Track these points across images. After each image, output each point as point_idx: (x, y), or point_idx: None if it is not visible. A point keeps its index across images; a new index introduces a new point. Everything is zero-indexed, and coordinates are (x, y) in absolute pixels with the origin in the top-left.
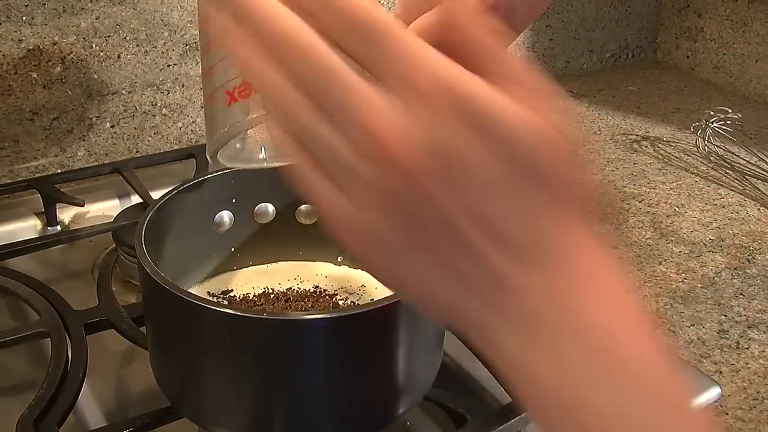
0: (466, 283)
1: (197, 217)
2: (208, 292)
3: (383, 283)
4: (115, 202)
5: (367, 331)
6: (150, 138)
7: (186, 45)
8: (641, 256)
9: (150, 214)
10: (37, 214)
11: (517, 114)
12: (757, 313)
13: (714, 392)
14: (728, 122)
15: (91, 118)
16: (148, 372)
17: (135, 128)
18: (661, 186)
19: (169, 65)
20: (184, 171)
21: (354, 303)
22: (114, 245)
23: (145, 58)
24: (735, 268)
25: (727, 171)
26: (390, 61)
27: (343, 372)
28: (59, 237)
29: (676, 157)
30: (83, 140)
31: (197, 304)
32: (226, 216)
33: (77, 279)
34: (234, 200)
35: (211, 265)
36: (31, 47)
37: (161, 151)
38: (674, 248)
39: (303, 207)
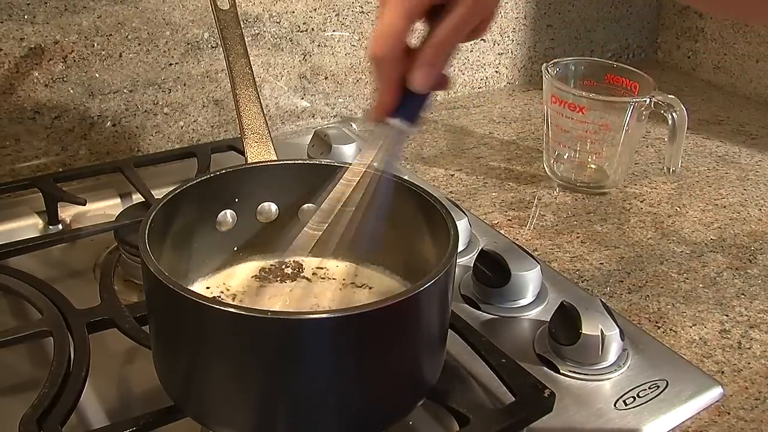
0: None
1: (200, 216)
2: (207, 288)
3: None
4: (117, 201)
5: (370, 330)
6: (151, 137)
7: (188, 44)
8: (643, 256)
9: (153, 213)
10: (39, 213)
11: None
12: (758, 313)
13: (716, 392)
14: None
15: (93, 117)
16: (150, 371)
17: (136, 127)
18: (662, 186)
19: (170, 64)
20: (186, 170)
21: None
22: (116, 244)
23: (147, 57)
24: (736, 268)
25: (728, 170)
26: None
27: (347, 371)
28: (61, 236)
29: None
30: (85, 139)
31: (201, 302)
32: (229, 215)
33: (79, 278)
34: (237, 199)
35: (213, 264)
36: (32, 46)
37: (163, 150)
38: (676, 248)
39: (306, 206)
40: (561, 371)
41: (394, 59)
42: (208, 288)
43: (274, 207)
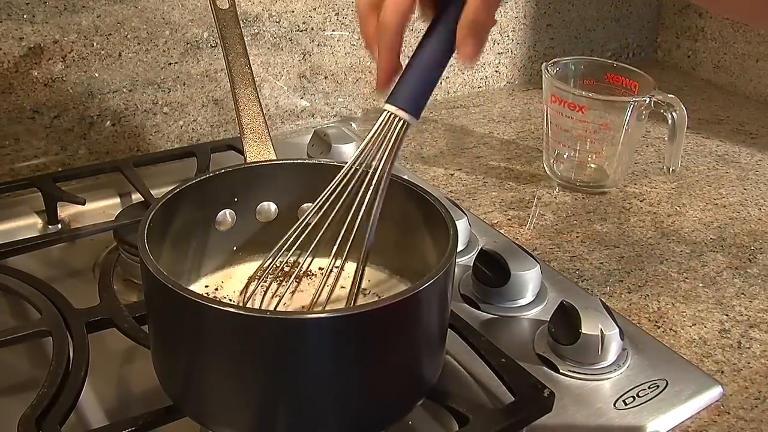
0: None
1: (199, 215)
2: (206, 287)
3: None
4: (116, 200)
5: (370, 330)
6: (151, 136)
7: (187, 43)
8: (642, 255)
9: (153, 213)
10: (38, 213)
11: None
12: (758, 312)
13: (716, 392)
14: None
15: (92, 117)
16: (150, 371)
17: (136, 127)
18: (662, 185)
19: (170, 64)
20: (185, 170)
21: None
22: (115, 244)
23: (146, 57)
24: (736, 268)
25: (728, 170)
26: None
27: (346, 371)
28: (60, 235)
29: None
30: (84, 138)
31: (200, 302)
32: (228, 215)
33: (78, 278)
34: (236, 199)
35: (213, 264)
36: (32, 45)
37: (162, 149)
38: (675, 248)
39: (305, 205)
40: (561, 371)
41: (400, 28)
42: (207, 287)
43: (273, 207)
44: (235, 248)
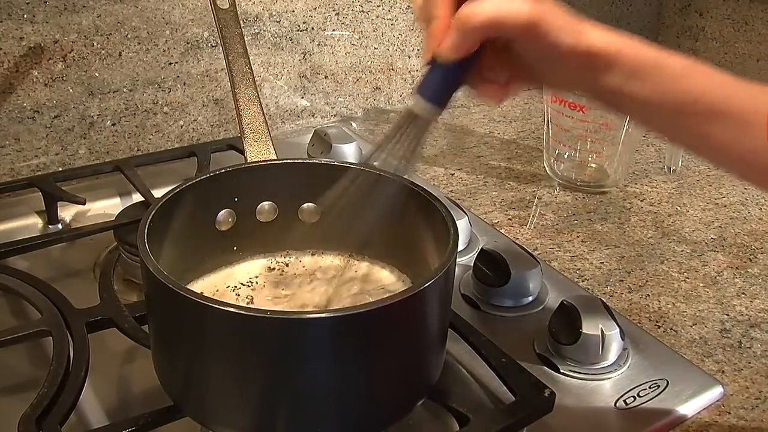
0: None
1: (199, 215)
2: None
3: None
4: (117, 200)
5: (371, 329)
6: (151, 136)
7: (187, 43)
8: (643, 255)
9: (153, 212)
10: (38, 213)
11: None
12: (759, 312)
13: (716, 391)
14: None
15: (93, 116)
16: (150, 371)
17: (136, 126)
18: (663, 185)
19: (170, 63)
20: (186, 169)
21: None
22: (115, 243)
23: (147, 56)
24: (737, 268)
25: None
26: None
27: (346, 371)
28: (60, 235)
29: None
30: (84, 138)
31: (200, 302)
32: (228, 214)
33: (78, 277)
34: (236, 199)
35: (213, 264)
36: (32, 45)
37: (162, 149)
38: (676, 247)
39: (306, 205)
40: (561, 371)
41: None
42: (216, 289)
43: (273, 206)
44: (235, 248)
